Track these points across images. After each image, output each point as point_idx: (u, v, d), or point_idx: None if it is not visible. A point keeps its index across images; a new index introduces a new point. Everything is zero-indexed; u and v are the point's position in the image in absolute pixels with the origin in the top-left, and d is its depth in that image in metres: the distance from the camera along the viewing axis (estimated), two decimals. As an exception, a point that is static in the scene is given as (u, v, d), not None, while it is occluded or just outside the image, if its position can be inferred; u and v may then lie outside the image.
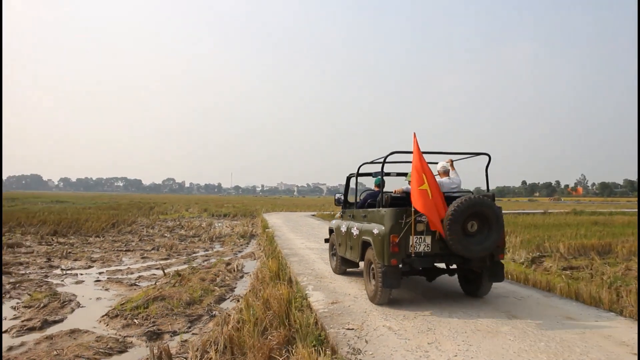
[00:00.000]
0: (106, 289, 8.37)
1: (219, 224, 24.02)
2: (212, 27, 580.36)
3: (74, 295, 7.79)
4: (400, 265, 5.45)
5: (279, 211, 36.89)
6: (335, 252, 8.02)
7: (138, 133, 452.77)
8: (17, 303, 7.22)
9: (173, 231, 19.43)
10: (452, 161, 6.50)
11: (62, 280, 9.09)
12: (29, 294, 7.70)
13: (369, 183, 7.53)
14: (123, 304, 6.96)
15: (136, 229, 19.44)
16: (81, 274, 9.74)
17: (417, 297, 6.21)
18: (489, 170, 6.53)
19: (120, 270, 10.22)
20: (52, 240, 15.38)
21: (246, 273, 9.77)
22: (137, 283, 8.83)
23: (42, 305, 6.95)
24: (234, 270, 9.82)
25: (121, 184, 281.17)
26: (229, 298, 7.65)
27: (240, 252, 13.46)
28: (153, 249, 13.69)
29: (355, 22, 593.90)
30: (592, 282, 8.15)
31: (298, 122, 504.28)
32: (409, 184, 5.77)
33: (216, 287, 8.12)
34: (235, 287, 8.44)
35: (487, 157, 6.43)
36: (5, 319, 6.36)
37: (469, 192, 6.28)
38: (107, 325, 6.10)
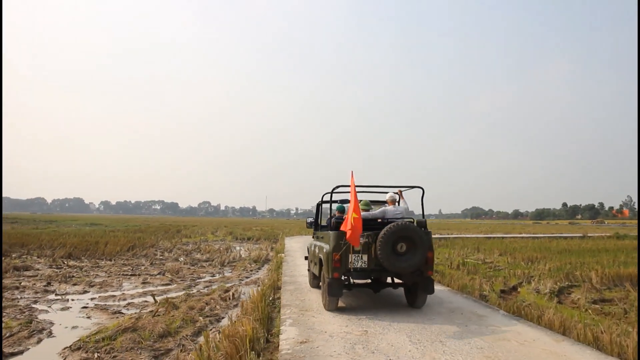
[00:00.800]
0: (88, 317, 7.95)
1: (239, 248, 23.64)
2: (253, 56, 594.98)
3: (51, 323, 7.41)
4: (343, 278, 6.75)
5: (304, 234, 36.31)
6: (309, 268, 9.33)
7: (176, 158, 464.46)
8: (-12, 331, 6.87)
9: (189, 255, 19.12)
10: (401, 192, 8.01)
11: (50, 307, 8.75)
12: (3, 322, 7.36)
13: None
14: (93, 334, 6.49)
15: (151, 253, 19.22)
16: (72, 300, 9.41)
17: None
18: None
19: (114, 296, 9.83)
20: (64, 263, 15.27)
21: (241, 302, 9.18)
22: (122, 311, 8.39)
23: (7, 334, 6.56)
24: (229, 299, 9.26)
25: (158, 207, 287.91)
26: (210, 329, 7.06)
27: (247, 277, 12.92)
28: (159, 273, 13.33)
29: (398, 44, 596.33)
30: (625, 320, 7.15)
31: (334, 151, 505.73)
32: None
33: (200, 318, 7.57)
34: (222, 318, 7.86)
35: (421, 190, 7.88)
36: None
37: (411, 219, 7.32)
38: (65, 359, 5.62)
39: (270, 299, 8.02)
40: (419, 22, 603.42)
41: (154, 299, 9.02)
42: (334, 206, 7.99)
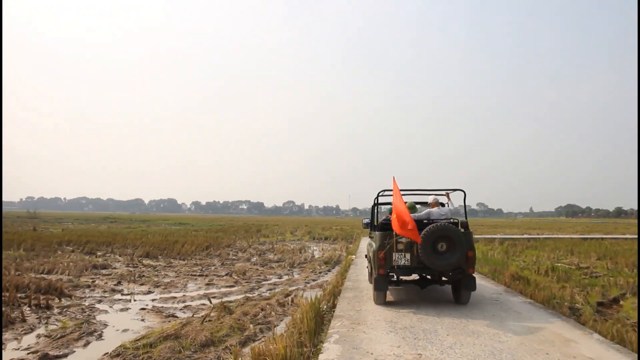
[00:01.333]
0: (142, 319, 7.83)
1: (314, 248, 23.33)
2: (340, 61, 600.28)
3: (105, 324, 7.35)
4: (389, 274, 7.33)
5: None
6: (368, 266, 9.48)
7: (261, 159, 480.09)
8: (45, 330, 6.92)
9: (262, 255, 19.06)
10: (448, 194, 8.49)
11: (111, 307, 8.80)
12: (61, 321, 7.41)
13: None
14: (135, 340, 6.26)
15: (225, 253, 19.40)
16: (135, 300, 9.44)
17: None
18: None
19: (175, 297, 9.74)
20: (140, 262, 15.75)
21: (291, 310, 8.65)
22: (176, 314, 8.20)
23: (59, 335, 6.53)
24: (288, 304, 8.77)
25: (245, 207, 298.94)
26: (259, 339, 6.58)
27: (314, 280, 12.41)
28: (226, 274, 13.22)
29: (468, 46, 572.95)
30: None
31: (409, 151, 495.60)
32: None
33: (251, 325, 7.12)
34: (277, 325, 7.36)
35: (463, 193, 8.46)
36: (5, 349, 5.99)
37: (455, 220, 7.76)
38: (102, 366, 5.39)
39: (325, 307, 7.38)
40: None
41: (210, 302, 8.76)
42: (385, 208, 8.71)
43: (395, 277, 7.53)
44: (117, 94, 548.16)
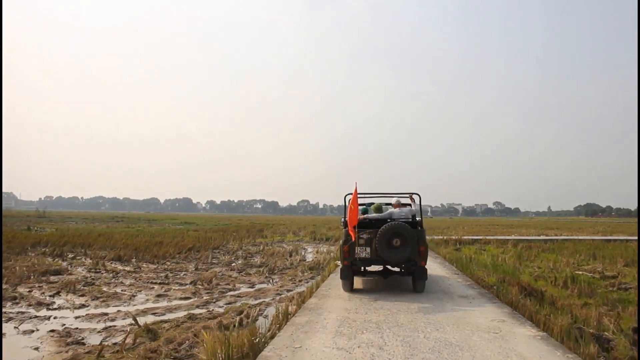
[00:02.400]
0: (35, 348, 6.12)
1: (310, 249, 21.54)
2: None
3: (-18, 356, 5.64)
4: (353, 265, 8.56)
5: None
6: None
7: (276, 158, 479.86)
8: None
9: (248, 258, 17.32)
10: (411, 196, 9.26)
11: (18, 326, 7.14)
12: None
13: None
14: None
15: (206, 255, 17.68)
16: (55, 318, 7.76)
17: None
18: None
19: (106, 314, 8.03)
20: (104, 266, 14.11)
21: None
22: (85, 339, 6.48)
23: None
24: (233, 327, 6.99)
25: (259, 206, 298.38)
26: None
27: (289, 291, 10.61)
28: (191, 282, 11.50)
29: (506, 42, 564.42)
30: None
31: (432, 142, 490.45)
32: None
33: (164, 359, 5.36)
34: None
35: (418, 196, 9.29)
36: None
37: (409, 219, 8.99)
38: None
39: (263, 338, 5.53)
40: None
41: (136, 322, 7.02)
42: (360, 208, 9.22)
43: (362, 268, 8.73)
44: (134, 94, 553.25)
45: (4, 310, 8.23)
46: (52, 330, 6.90)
